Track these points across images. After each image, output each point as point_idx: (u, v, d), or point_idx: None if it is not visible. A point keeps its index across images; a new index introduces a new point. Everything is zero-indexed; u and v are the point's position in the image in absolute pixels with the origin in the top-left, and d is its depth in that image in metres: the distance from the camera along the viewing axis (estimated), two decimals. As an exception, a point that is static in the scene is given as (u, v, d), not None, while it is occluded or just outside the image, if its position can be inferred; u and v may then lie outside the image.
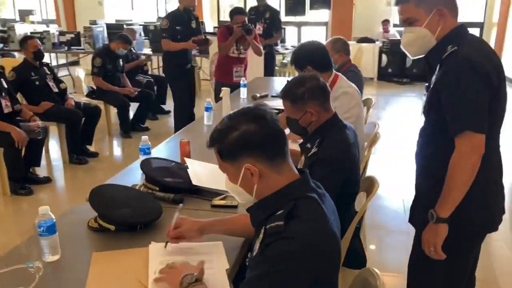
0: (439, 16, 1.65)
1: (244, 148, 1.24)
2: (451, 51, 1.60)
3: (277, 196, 1.25)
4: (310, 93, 1.98)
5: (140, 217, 1.72)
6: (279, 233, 1.15)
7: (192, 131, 3.15)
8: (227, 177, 1.33)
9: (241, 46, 4.88)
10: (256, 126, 1.24)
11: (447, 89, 1.59)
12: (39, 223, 1.50)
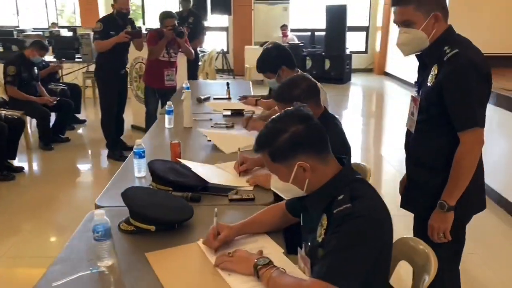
0: (434, 19, 1.78)
1: (296, 147, 1.35)
2: (454, 53, 1.72)
3: (332, 184, 1.38)
4: (306, 94, 2.12)
5: (179, 215, 1.74)
6: (350, 214, 1.27)
7: (156, 137, 3.12)
8: (277, 177, 1.42)
9: (171, 50, 4.89)
10: (303, 126, 1.36)
11: (453, 88, 1.72)
12: (95, 228, 1.47)
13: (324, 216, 1.36)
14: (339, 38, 9.78)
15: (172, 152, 2.43)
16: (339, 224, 1.27)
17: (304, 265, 1.47)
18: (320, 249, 1.35)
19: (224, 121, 3.44)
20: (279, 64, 2.92)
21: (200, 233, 1.72)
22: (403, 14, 1.80)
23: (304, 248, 1.47)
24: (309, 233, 1.44)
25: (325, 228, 1.34)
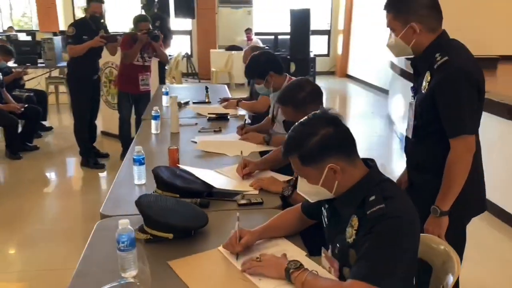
0: (412, 31, 1.82)
1: (326, 150, 1.37)
2: (444, 60, 1.75)
3: (362, 185, 1.40)
4: (310, 97, 2.18)
5: (196, 222, 1.72)
6: (384, 215, 1.29)
7: (145, 143, 3.06)
8: (305, 180, 1.44)
9: (145, 54, 4.82)
10: (333, 128, 1.39)
11: (444, 96, 1.76)
12: (120, 238, 1.44)
13: (355, 217, 1.38)
14: (303, 42, 9.90)
15: (171, 158, 2.40)
16: (374, 225, 1.30)
17: (330, 266, 1.49)
18: (352, 249, 1.37)
19: (209, 126, 3.42)
20: (266, 70, 2.97)
21: (216, 239, 1.71)
22: (387, 20, 1.90)
23: (331, 250, 1.49)
24: (336, 235, 1.46)
25: (356, 229, 1.36)
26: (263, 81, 3.00)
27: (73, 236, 3.49)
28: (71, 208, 4.11)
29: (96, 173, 4.81)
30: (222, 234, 1.77)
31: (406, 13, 1.83)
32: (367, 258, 1.28)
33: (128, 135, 5.17)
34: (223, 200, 2.06)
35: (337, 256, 1.45)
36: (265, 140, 2.93)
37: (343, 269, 1.43)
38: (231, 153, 2.73)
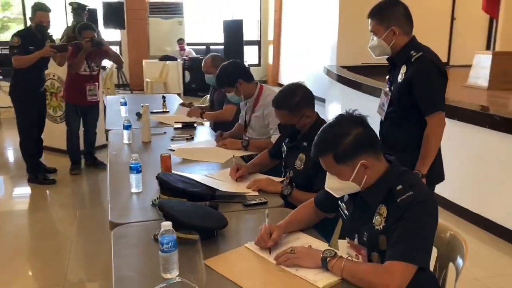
0: (392, 33, 2.30)
1: (359, 148, 1.51)
2: (419, 55, 2.24)
3: (387, 177, 1.55)
4: (304, 100, 2.32)
5: (219, 223, 1.78)
6: (413, 201, 1.45)
7: (121, 154, 3.03)
8: (335, 177, 1.56)
9: (92, 63, 4.72)
10: (362, 128, 1.53)
11: (421, 83, 2.22)
12: (164, 239, 1.47)
13: (383, 206, 1.52)
14: (237, 52, 10.09)
15: (163, 165, 2.41)
16: (406, 210, 1.45)
17: (357, 254, 1.61)
18: (382, 235, 1.51)
19: (178, 134, 3.44)
20: (235, 78, 3.08)
21: (236, 238, 1.78)
22: (371, 25, 2.36)
23: (358, 238, 1.61)
24: (362, 225, 1.59)
25: (385, 217, 1.50)
26: (233, 90, 3.10)
27: (39, 254, 3.35)
28: (29, 226, 3.92)
29: (46, 189, 4.60)
30: (239, 233, 1.86)
31: (388, 19, 2.30)
32: (402, 240, 1.43)
33: (77, 149, 5.01)
34: (230, 202, 2.13)
35: (365, 243, 1.58)
36: (243, 145, 3.02)
37: (372, 255, 1.56)
38: (218, 160, 2.79)
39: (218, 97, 4.04)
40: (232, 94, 3.15)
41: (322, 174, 1.84)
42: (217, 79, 3.22)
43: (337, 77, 7.05)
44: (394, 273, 1.39)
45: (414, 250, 1.41)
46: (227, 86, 3.15)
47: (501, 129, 3.47)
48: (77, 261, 3.25)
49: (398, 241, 1.44)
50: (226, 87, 3.16)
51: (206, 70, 4.02)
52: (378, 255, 1.54)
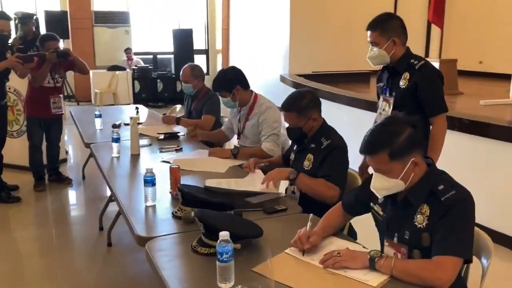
0: (393, 44, 2.53)
1: (412, 146, 1.63)
2: (422, 63, 2.50)
3: (428, 178, 1.66)
4: (312, 104, 2.43)
5: (255, 231, 1.81)
6: (457, 199, 1.57)
7: (112, 167, 2.97)
8: (383, 176, 1.64)
9: (56, 75, 4.56)
10: (413, 128, 1.65)
11: (427, 87, 2.48)
12: (223, 249, 1.48)
13: (425, 205, 1.63)
14: (188, 61, 9.93)
15: (173, 177, 2.40)
16: (450, 208, 1.56)
17: (396, 252, 1.71)
18: (425, 233, 1.62)
19: (164, 145, 3.42)
20: (234, 84, 3.12)
21: (272, 244, 1.81)
22: (372, 37, 2.55)
23: (397, 237, 1.71)
24: (401, 224, 1.69)
25: (428, 216, 1.62)
26: (230, 95, 3.13)
27: (21, 275, 3.18)
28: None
29: (10, 207, 4.36)
30: (270, 240, 1.88)
31: (389, 31, 2.53)
32: (450, 236, 1.54)
33: (41, 163, 4.80)
34: (252, 210, 2.16)
35: (407, 241, 1.68)
36: (232, 154, 3.05)
37: (413, 252, 1.67)
38: (218, 169, 2.79)
39: (197, 107, 4.04)
40: (228, 99, 3.17)
41: (325, 165, 2.22)
42: (215, 83, 3.22)
43: (293, 83, 7.25)
44: (446, 267, 1.49)
45: (462, 245, 1.53)
46: (224, 90, 3.17)
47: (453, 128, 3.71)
48: (49, 280, 3.12)
49: (446, 237, 1.54)
50: (224, 91, 3.17)
51: (185, 80, 4.02)
52: (419, 252, 1.65)
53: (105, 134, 3.87)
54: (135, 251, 3.45)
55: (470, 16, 8.47)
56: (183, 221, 2.02)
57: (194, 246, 1.77)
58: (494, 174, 3.57)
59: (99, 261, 3.36)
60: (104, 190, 4.98)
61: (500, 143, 3.54)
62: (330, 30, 8.23)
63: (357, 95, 5.64)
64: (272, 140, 3.02)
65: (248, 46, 10.21)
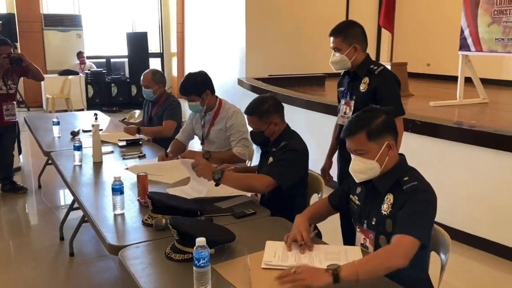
0: (354, 50, 2.63)
1: (387, 129, 1.79)
2: (381, 69, 2.62)
3: (397, 169, 1.80)
4: (274, 108, 2.49)
5: (228, 236, 1.84)
6: (418, 189, 1.72)
7: (75, 176, 2.92)
8: (360, 159, 1.77)
9: (9, 81, 4.42)
10: (386, 115, 1.82)
11: (387, 91, 2.59)
12: (200, 255, 1.51)
13: (390, 195, 1.77)
14: (142, 64, 9.92)
15: (141, 185, 2.40)
16: (411, 196, 1.70)
17: (365, 238, 1.84)
18: (389, 219, 1.75)
19: (125, 152, 3.39)
20: (204, 88, 3.14)
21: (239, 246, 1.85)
22: (335, 43, 2.66)
23: (366, 224, 1.85)
24: (370, 211, 1.83)
25: (392, 203, 1.75)
26: (199, 99, 3.14)
27: None
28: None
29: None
30: (242, 244, 1.91)
31: (351, 37, 2.64)
32: (409, 219, 1.65)
33: (-7, 172, 4.63)
34: (222, 215, 2.20)
35: (373, 227, 1.81)
36: (204, 157, 3.05)
37: (379, 238, 1.80)
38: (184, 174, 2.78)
39: (157, 113, 4.02)
40: (197, 103, 3.16)
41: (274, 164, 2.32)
42: (184, 87, 3.18)
43: (250, 87, 7.32)
44: (402, 245, 1.59)
45: (419, 228, 1.64)
46: (194, 95, 3.15)
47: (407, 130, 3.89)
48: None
49: (405, 220, 1.66)
50: (193, 95, 3.15)
51: (146, 85, 3.98)
52: (385, 238, 1.78)
53: (64, 142, 3.81)
54: (99, 260, 3.42)
55: (418, 21, 8.84)
56: (154, 228, 2.03)
57: (168, 253, 1.79)
58: (446, 173, 3.77)
59: (62, 272, 3.29)
60: (62, 199, 4.88)
61: (451, 142, 3.75)
62: (285, 34, 8.37)
63: (313, 98, 5.77)
64: (243, 145, 3.08)
65: (204, 49, 10.20)
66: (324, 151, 3.09)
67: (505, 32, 5.20)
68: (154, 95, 4.04)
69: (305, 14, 8.49)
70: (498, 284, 3.22)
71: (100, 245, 3.56)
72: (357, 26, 2.69)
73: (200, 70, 3.27)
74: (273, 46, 8.35)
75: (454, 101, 5.84)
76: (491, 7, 5.33)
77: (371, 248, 1.83)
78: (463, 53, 5.74)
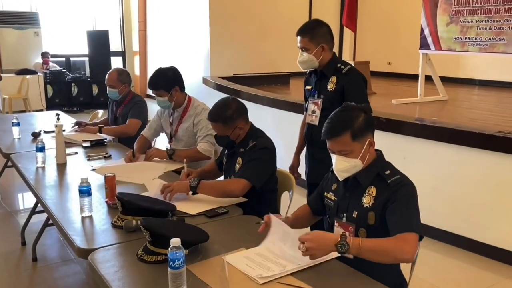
0: (322, 49, 2.65)
1: (368, 127, 1.81)
2: (348, 68, 2.64)
3: (377, 163, 1.84)
4: (237, 112, 2.47)
5: (202, 236, 1.82)
6: (401, 182, 1.76)
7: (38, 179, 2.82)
8: (344, 159, 1.78)
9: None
10: (364, 113, 1.83)
11: (354, 90, 2.59)
12: (175, 256, 1.48)
13: (372, 187, 1.80)
14: (104, 63, 9.74)
15: (109, 186, 2.34)
16: (397, 190, 1.73)
17: (345, 231, 1.82)
18: (371, 212, 1.77)
19: (90, 152, 3.31)
20: (173, 84, 3.09)
21: (213, 246, 1.84)
22: (302, 43, 2.66)
23: (346, 217, 1.86)
24: (350, 205, 1.84)
25: (374, 196, 1.78)
26: (168, 94, 3.08)
27: None
28: None
29: None
30: (215, 243, 1.90)
31: (319, 37, 2.64)
32: (407, 215, 1.69)
33: None
34: (193, 215, 2.17)
35: (354, 220, 1.82)
36: (168, 154, 3.04)
37: (359, 231, 1.81)
38: (154, 175, 2.76)
39: (123, 112, 3.93)
40: (165, 99, 3.10)
41: (243, 165, 2.33)
42: (153, 81, 3.12)
43: (216, 85, 7.29)
44: (410, 242, 1.63)
45: (417, 223, 1.70)
46: (163, 89, 3.09)
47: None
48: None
49: (403, 217, 1.69)
50: (162, 90, 3.09)
51: (111, 85, 3.89)
52: (365, 231, 1.80)
53: (25, 143, 3.67)
54: (64, 264, 3.32)
55: (380, 20, 9.03)
56: (125, 230, 1.99)
57: (140, 254, 1.76)
58: (410, 168, 3.85)
59: (24, 278, 3.17)
60: (22, 203, 4.72)
61: (414, 139, 3.85)
62: (249, 33, 8.38)
63: (280, 97, 5.80)
64: (207, 141, 3.02)
65: (168, 48, 10.08)
66: (291, 148, 3.10)
67: (463, 32, 5.39)
68: (119, 95, 3.95)
69: (269, 13, 8.52)
70: (461, 275, 3.33)
71: (65, 249, 3.49)
72: (324, 25, 2.69)
73: (171, 66, 3.21)
74: (238, 45, 8.34)
75: (415, 99, 6.00)
76: (449, 7, 5.51)
77: None
78: (423, 52, 5.90)
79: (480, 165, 3.45)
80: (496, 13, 5.09)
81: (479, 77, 7.77)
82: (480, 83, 7.76)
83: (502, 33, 5.02)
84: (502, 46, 5.04)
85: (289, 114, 5.17)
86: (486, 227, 3.44)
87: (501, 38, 5.04)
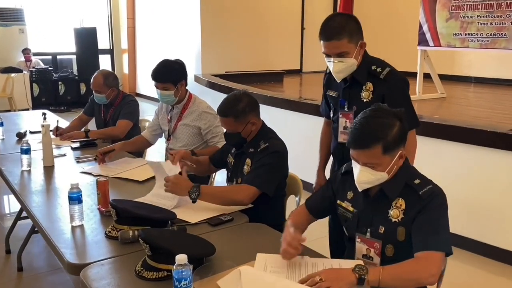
0: (360, 47, 2.07)
1: (402, 139, 1.58)
2: (388, 71, 2.07)
3: (404, 172, 1.63)
4: (250, 107, 2.27)
5: (208, 249, 1.63)
6: (434, 192, 1.57)
7: (24, 183, 2.61)
8: (369, 170, 1.56)
9: None
10: (399, 120, 1.58)
11: (395, 101, 1.93)
12: (181, 275, 1.31)
13: (400, 199, 1.60)
14: (92, 61, 9.47)
15: (101, 191, 2.14)
16: (429, 201, 1.55)
17: (369, 248, 1.65)
18: (401, 227, 1.58)
19: (81, 154, 3.10)
20: (180, 78, 2.91)
21: (223, 259, 1.66)
22: (339, 47, 2.03)
23: (370, 232, 1.65)
24: (373, 219, 1.65)
25: (404, 209, 1.59)
26: (174, 88, 2.89)
27: None
28: None
29: None
30: (222, 255, 1.71)
31: (356, 34, 2.06)
32: (433, 232, 1.51)
33: None
34: (195, 223, 1.99)
35: (381, 236, 1.62)
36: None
37: (386, 247, 1.62)
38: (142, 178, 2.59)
39: (114, 115, 3.69)
40: (171, 93, 2.90)
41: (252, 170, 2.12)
42: (160, 73, 2.91)
43: (208, 83, 7.11)
44: (435, 262, 1.47)
45: (444, 241, 1.52)
46: (170, 82, 2.89)
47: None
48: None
49: (429, 233, 1.52)
50: (169, 83, 2.89)
51: (97, 90, 3.60)
52: (393, 247, 1.61)
53: (9, 145, 3.45)
54: (52, 273, 3.13)
55: (374, 17, 8.88)
56: (120, 241, 1.79)
57: (139, 271, 1.57)
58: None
59: (9, 289, 2.96)
60: (7, 207, 4.49)
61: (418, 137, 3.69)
62: (241, 30, 8.19)
63: (274, 94, 5.63)
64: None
65: (157, 45, 9.83)
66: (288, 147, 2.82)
67: (463, 27, 5.25)
68: (107, 100, 3.67)
69: (261, 10, 8.33)
70: (470, 280, 3.19)
71: (53, 257, 3.26)
72: (352, 17, 2.15)
73: (176, 59, 3.01)
74: (229, 43, 8.15)
75: (414, 96, 5.84)
76: (449, 2, 5.37)
77: (377, 259, 1.65)
78: (421, 48, 5.76)
79: (491, 164, 3.30)
80: (497, 8, 4.95)
81: (475, 74, 7.66)
82: (475, 80, 7.66)
83: (503, 28, 4.89)
84: (503, 42, 4.91)
85: (284, 111, 5.00)
86: (498, 230, 3.30)
87: (503, 33, 4.90)
